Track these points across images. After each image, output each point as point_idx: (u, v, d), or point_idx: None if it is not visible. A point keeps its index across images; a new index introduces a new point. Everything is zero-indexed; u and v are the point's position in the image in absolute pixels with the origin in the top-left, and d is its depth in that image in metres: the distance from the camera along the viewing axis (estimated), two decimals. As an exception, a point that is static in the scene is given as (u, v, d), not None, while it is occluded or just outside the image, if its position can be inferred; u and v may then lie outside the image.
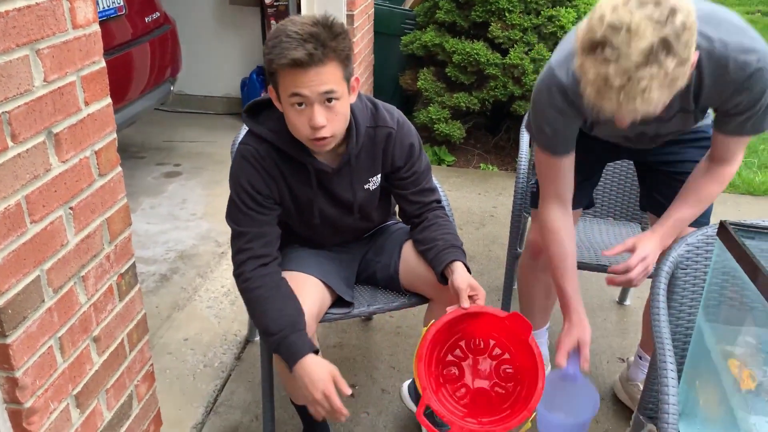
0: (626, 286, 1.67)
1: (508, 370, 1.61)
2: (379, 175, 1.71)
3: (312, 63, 1.38)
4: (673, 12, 1.18)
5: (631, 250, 1.60)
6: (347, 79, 1.47)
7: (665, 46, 1.17)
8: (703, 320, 1.37)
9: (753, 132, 1.54)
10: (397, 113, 1.70)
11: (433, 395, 1.56)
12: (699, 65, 1.39)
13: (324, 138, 1.47)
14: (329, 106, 1.45)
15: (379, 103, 1.69)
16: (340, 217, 1.73)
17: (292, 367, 1.49)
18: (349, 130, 1.57)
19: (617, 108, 1.24)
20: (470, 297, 1.55)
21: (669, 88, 1.22)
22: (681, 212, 1.64)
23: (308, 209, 1.68)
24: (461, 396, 1.64)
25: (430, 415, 1.65)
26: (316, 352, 1.51)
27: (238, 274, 1.60)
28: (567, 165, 1.65)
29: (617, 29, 1.18)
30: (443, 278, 1.63)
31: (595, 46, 1.21)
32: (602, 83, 1.21)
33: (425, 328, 1.55)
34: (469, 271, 1.64)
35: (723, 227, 1.26)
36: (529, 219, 1.99)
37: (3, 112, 1.09)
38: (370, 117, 1.64)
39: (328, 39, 1.40)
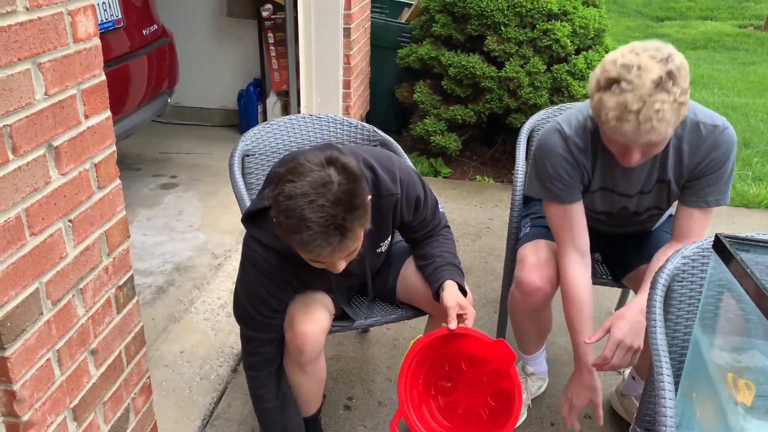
0: (615, 370, 1.69)
1: (502, 391, 1.61)
2: (389, 238, 1.70)
3: (336, 251, 1.31)
4: (671, 54, 1.44)
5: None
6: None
7: (670, 77, 1.41)
8: (700, 332, 1.38)
9: (714, 203, 1.70)
10: (398, 169, 1.58)
11: (412, 410, 1.56)
12: (676, 131, 1.61)
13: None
14: (351, 254, 1.39)
15: (376, 165, 1.56)
16: (356, 282, 1.78)
17: None
18: None
19: (635, 130, 1.42)
20: (460, 316, 1.54)
21: (677, 113, 1.43)
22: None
23: (327, 293, 1.70)
24: (455, 409, 1.64)
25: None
26: None
27: (252, 377, 1.66)
28: (579, 211, 1.75)
29: (629, 67, 1.42)
30: (438, 296, 1.64)
31: (611, 83, 1.43)
32: (622, 109, 1.41)
33: (412, 341, 1.56)
34: (463, 290, 1.63)
35: (718, 240, 1.27)
36: (519, 251, 1.97)
37: (4, 126, 1.09)
38: (372, 187, 1.53)
39: (351, 220, 1.28)
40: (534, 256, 1.86)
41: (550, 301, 1.90)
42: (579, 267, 1.75)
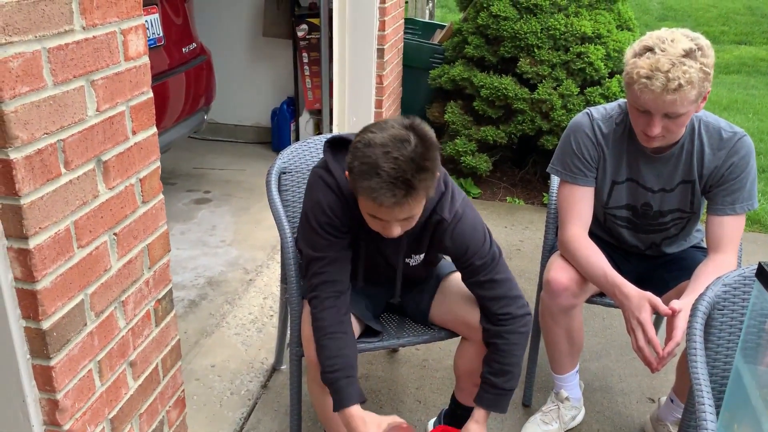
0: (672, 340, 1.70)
1: None
2: (422, 255, 1.70)
3: (398, 205, 1.38)
4: (699, 36, 1.64)
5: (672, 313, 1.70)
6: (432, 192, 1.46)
7: (699, 49, 1.61)
8: (742, 362, 1.35)
9: (742, 209, 1.78)
10: (460, 203, 1.61)
11: None
12: (700, 134, 1.78)
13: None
14: (408, 220, 1.46)
15: (451, 187, 1.62)
16: (384, 283, 1.77)
17: (336, 410, 1.52)
18: None
19: (662, 88, 1.56)
20: None
21: (701, 81, 1.60)
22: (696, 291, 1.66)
23: (358, 257, 1.67)
24: None
25: None
26: (363, 401, 1.52)
27: (311, 298, 1.60)
28: (589, 194, 1.89)
29: (663, 39, 1.61)
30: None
31: (646, 50, 1.62)
32: (653, 68, 1.58)
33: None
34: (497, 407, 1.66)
35: (762, 269, 1.24)
36: (549, 261, 1.98)
37: (58, 140, 1.13)
38: (431, 202, 1.58)
39: (419, 180, 1.36)
40: (562, 260, 1.90)
41: (578, 304, 1.91)
42: (581, 230, 1.86)
